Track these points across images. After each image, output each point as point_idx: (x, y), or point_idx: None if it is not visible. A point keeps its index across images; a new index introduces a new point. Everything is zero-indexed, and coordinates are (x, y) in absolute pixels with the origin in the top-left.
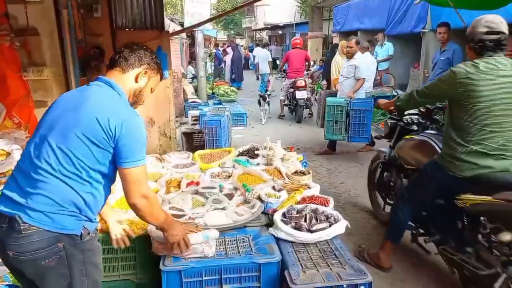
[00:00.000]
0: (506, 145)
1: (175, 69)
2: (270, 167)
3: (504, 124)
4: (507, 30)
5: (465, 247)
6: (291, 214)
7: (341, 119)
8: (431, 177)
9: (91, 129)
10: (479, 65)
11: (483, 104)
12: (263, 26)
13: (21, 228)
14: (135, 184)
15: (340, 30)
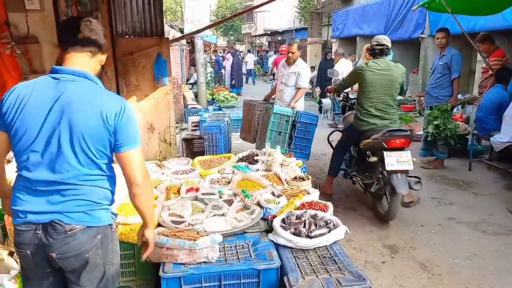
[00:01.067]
0: (385, 110)
1: (175, 75)
2: (269, 173)
3: (381, 97)
4: (389, 44)
5: (365, 172)
6: (290, 220)
7: (286, 131)
8: (349, 132)
9: (97, 128)
10: (368, 63)
11: (369, 85)
12: (263, 32)
13: (66, 229)
14: (140, 165)
15: (339, 36)
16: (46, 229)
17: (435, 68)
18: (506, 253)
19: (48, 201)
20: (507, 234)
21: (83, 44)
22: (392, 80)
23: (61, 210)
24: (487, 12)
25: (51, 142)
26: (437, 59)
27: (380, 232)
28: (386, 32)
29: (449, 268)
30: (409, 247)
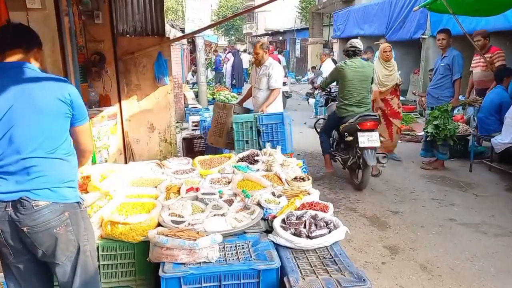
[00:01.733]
0: (361, 100)
1: (176, 75)
2: (269, 173)
3: (358, 89)
4: (361, 46)
5: (343, 150)
6: (290, 220)
7: (252, 138)
8: (332, 118)
9: (58, 109)
10: (347, 62)
11: (347, 81)
12: (264, 32)
13: (33, 204)
14: (91, 135)
15: (340, 36)
16: (16, 206)
17: (437, 69)
18: (507, 254)
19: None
20: (508, 236)
21: None
22: (366, 76)
23: (30, 187)
24: (488, 13)
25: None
26: (439, 60)
27: (381, 232)
28: (387, 32)
29: (449, 269)
30: (410, 248)
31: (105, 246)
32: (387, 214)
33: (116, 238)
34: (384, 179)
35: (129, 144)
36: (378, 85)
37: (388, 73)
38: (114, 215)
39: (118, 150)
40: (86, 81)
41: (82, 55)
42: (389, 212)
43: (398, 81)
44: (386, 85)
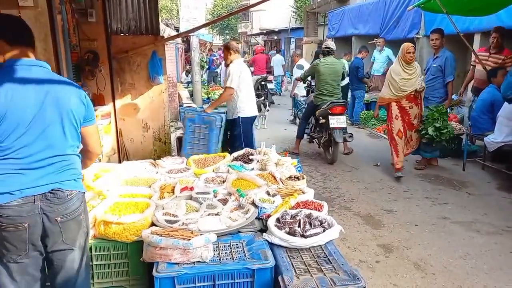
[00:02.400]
0: (332, 91)
1: (170, 73)
2: (264, 172)
3: (330, 82)
4: (334, 47)
5: (319, 132)
6: (285, 219)
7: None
8: (310, 106)
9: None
10: (321, 60)
11: (321, 75)
12: (259, 31)
13: (67, 194)
14: (99, 138)
15: (335, 36)
16: (47, 198)
17: (428, 69)
18: (499, 252)
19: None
20: (500, 234)
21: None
22: (337, 71)
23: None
24: (482, 13)
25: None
26: (431, 60)
27: (375, 231)
28: (381, 32)
29: (442, 268)
30: (403, 247)
31: (98, 246)
32: (381, 213)
33: (109, 238)
34: (378, 178)
35: (123, 144)
36: (392, 90)
37: (407, 76)
38: (107, 214)
39: (112, 150)
40: (80, 80)
41: (75, 54)
42: (383, 211)
43: (419, 87)
44: (404, 91)
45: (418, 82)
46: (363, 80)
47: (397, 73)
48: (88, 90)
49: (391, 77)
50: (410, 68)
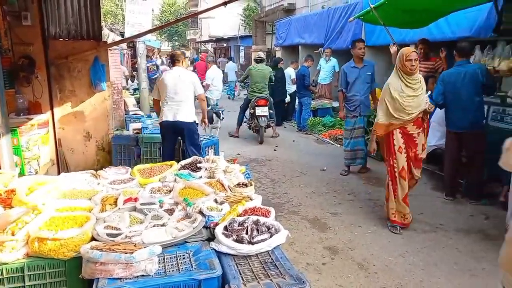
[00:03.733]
0: (261, 89)
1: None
2: (212, 180)
3: (259, 83)
4: (264, 56)
5: (252, 120)
6: (232, 227)
7: None
8: (246, 100)
9: None
10: (254, 66)
11: (253, 77)
12: (208, 38)
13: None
14: None
15: (282, 44)
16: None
17: (358, 78)
18: (434, 249)
19: None
20: (435, 232)
21: None
22: (265, 74)
23: None
24: (415, 26)
25: None
26: (357, 69)
27: (321, 234)
28: (326, 41)
29: (384, 266)
30: (348, 248)
31: (31, 265)
32: (327, 216)
33: (45, 255)
34: (324, 182)
35: (62, 154)
36: (394, 113)
37: (412, 93)
38: (42, 231)
39: (51, 161)
40: (13, 87)
41: (7, 59)
42: (329, 214)
43: (428, 106)
44: (411, 112)
45: (425, 99)
46: (309, 87)
47: (397, 90)
48: (23, 98)
49: (390, 95)
50: (413, 82)
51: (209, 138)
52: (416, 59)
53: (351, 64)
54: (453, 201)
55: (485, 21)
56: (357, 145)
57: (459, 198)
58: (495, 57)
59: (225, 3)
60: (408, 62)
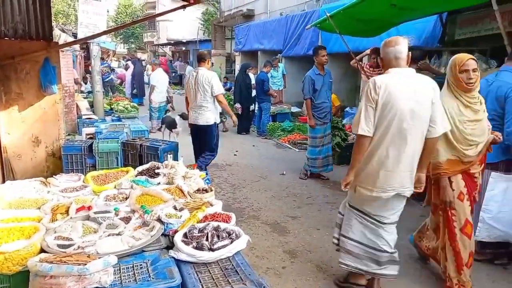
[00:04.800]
0: None
1: (67, 83)
2: (171, 186)
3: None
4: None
5: None
6: (192, 234)
7: None
8: None
9: None
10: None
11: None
12: (166, 42)
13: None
14: None
15: (241, 49)
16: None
17: (323, 84)
18: None
19: None
20: None
21: None
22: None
23: None
24: (368, 35)
25: None
26: (321, 76)
27: (281, 238)
28: (284, 48)
29: (340, 268)
30: (307, 251)
31: None
32: (286, 220)
33: None
34: (284, 186)
35: (8, 161)
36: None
37: (473, 116)
38: None
39: None
40: None
41: None
42: (288, 218)
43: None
44: (475, 143)
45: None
46: (268, 92)
47: (454, 112)
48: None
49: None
50: (473, 101)
51: (168, 143)
52: (475, 70)
53: (316, 72)
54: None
55: (432, 32)
56: (327, 151)
57: (410, 199)
58: (441, 66)
59: (184, 6)
60: (463, 74)
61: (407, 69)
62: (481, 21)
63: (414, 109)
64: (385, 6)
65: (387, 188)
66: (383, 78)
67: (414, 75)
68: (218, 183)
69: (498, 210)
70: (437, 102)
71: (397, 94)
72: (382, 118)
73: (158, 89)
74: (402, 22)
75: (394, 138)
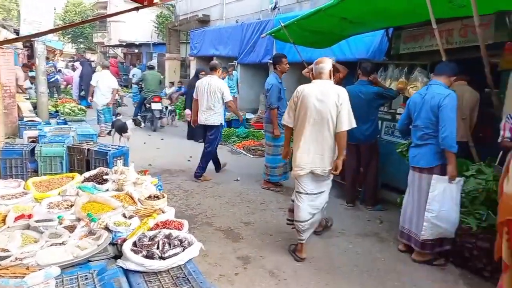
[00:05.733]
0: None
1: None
2: (121, 193)
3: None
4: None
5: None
6: (142, 242)
7: None
8: (141, 98)
9: None
10: (148, 71)
11: (146, 79)
12: (118, 43)
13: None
14: None
15: (197, 54)
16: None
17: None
18: (337, 253)
19: None
20: (337, 236)
21: None
22: (157, 78)
23: None
24: (320, 46)
25: None
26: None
27: (234, 244)
28: (240, 55)
29: (293, 272)
30: (260, 256)
31: None
32: (240, 226)
33: None
34: (238, 192)
35: None
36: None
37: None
38: None
39: None
40: None
41: None
42: (242, 224)
43: None
44: None
45: None
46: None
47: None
48: None
49: None
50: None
51: (118, 148)
52: None
53: (278, 80)
54: (353, 207)
55: (379, 45)
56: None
57: (358, 204)
58: (387, 79)
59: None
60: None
61: (324, 80)
62: (422, 37)
63: (319, 108)
64: (336, 20)
65: (303, 166)
66: (303, 86)
67: (327, 84)
68: (170, 190)
69: (439, 209)
70: (343, 104)
71: (308, 97)
72: (298, 114)
73: (100, 91)
74: (352, 35)
75: (306, 128)
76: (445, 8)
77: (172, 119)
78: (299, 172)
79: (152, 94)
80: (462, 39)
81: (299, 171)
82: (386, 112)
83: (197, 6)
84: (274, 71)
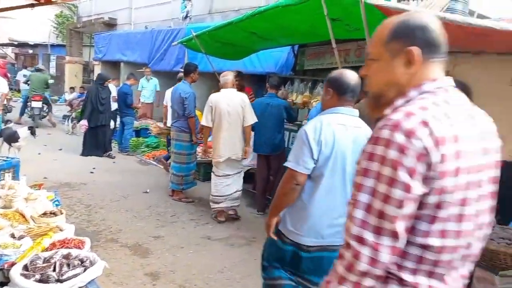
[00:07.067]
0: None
1: None
2: (9, 211)
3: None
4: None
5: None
6: (35, 265)
7: None
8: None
9: None
10: (33, 73)
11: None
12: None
13: None
14: None
15: (102, 59)
16: None
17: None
18: (249, 260)
19: None
20: (249, 245)
21: None
22: (41, 79)
23: None
24: (232, 58)
25: None
26: None
27: (142, 260)
28: (149, 62)
29: (204, 284)
30: (170, 271)
31: None
32: (149, 240)
33: None
34: (147, 205)
35: None
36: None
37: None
38: None
39: None
40: None
41: None
42: (151, 238)
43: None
44: None
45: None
46: (132, 106)
47: None
48: None
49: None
50: None
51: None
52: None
53: (192, 89)
54: (264, 215)
55: (286, 61)
56: (195, 167)
57: (268, 212)
58: (293, 92)
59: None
60: None
61: (229, 89)
62: (323, 55)
63: (229, 110)
64: (247, 34)
65: (222, 155)
66: (214, 94)
67: (231, 91)
68: (70, 205)
69: None
70: (246, 105)
71: (219, 103)
72: (214, 116)
73: None
74: (262, 49)
75: (223, 127)
76: (342, 30)
77: (73, 127)
78: (219, 160)
79: (34, 93)
80: (357, 58)
81: (219, 159)
82: (293, 124)
83: (103, 8)
84: (185, 80)
